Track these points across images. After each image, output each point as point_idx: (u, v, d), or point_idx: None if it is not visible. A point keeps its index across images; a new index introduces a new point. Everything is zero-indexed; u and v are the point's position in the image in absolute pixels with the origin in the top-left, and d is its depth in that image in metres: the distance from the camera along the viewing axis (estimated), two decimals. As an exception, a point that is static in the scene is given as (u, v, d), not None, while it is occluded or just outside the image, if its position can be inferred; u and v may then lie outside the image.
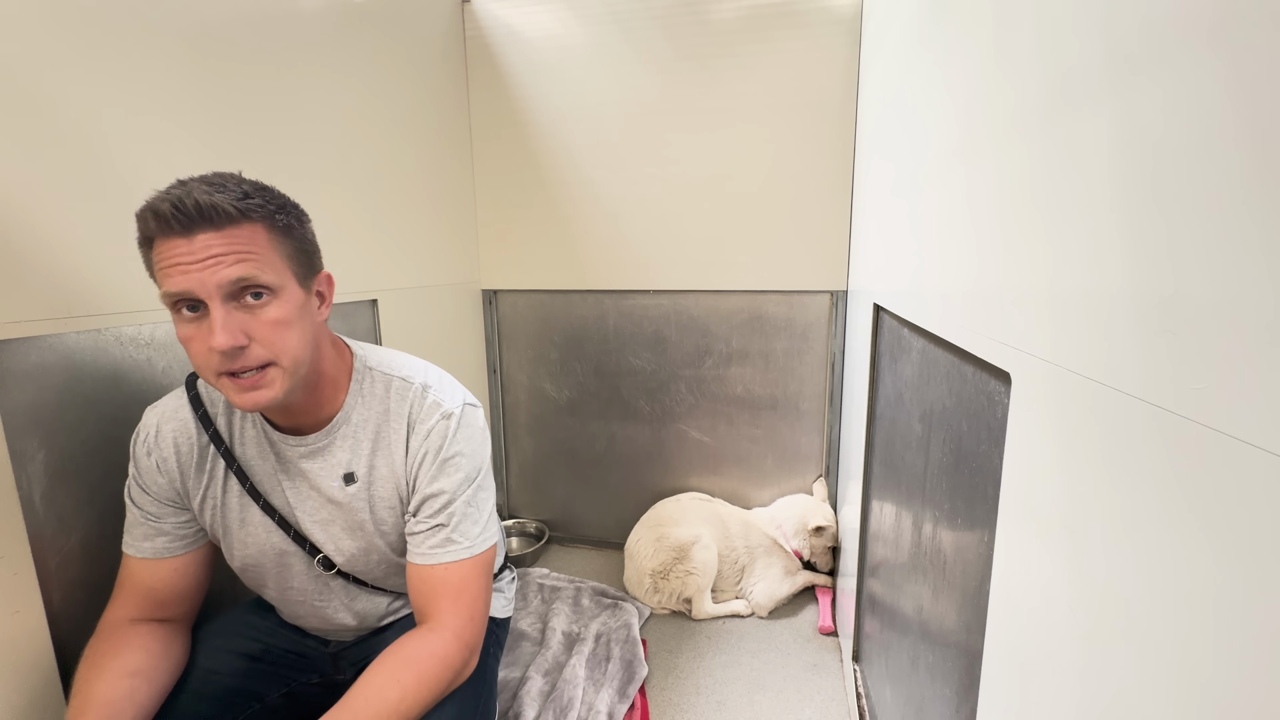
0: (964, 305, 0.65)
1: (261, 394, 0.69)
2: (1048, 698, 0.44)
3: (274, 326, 0.69)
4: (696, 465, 1.97)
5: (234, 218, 0.65)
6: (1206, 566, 0.28)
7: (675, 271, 1.84)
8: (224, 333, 0.65)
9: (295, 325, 0.71)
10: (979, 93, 0.62)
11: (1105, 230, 0.37)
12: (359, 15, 1.37)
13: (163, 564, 0.81)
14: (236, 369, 0.67)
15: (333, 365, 0.81)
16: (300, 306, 0.72)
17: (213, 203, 0.64)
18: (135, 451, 0.81)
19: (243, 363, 0.67)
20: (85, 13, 0.83)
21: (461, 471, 0.82)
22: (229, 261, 0.65)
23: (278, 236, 0.70)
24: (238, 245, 0.65)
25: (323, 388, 0.80)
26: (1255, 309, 0.26)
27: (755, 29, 1.64)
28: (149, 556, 0.81)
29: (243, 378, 0.68)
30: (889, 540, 1.07)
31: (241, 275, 0.65)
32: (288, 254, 0.71)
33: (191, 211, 0.63)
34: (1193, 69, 0.30)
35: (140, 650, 0.76)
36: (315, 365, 0.77)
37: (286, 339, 0.70)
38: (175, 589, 0.83)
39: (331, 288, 0.80)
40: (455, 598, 0.79)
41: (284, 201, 0.72)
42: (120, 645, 0.76)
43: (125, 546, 0.82)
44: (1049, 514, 0.44)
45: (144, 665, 0.75)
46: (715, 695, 1.39)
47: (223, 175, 0.68)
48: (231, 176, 0.69)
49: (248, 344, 0.67)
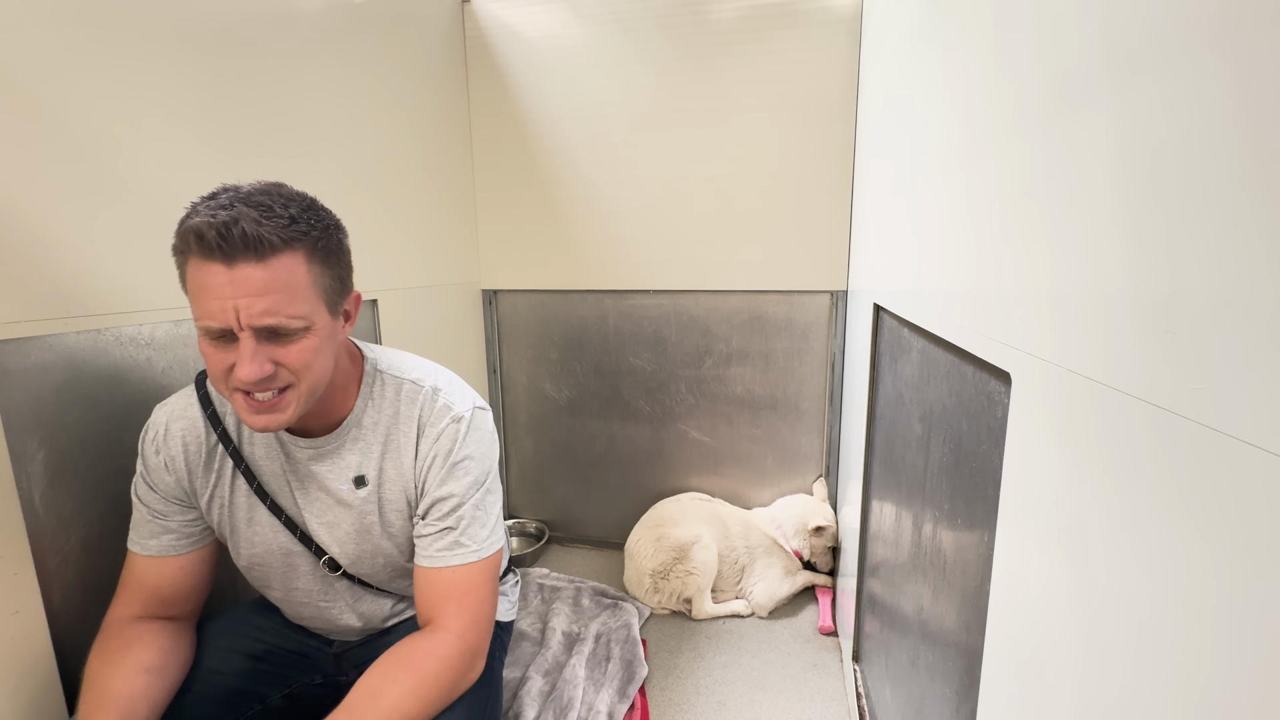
0: (964, 305, 0.65)
1: (274, 418, 0.70)
2: (1048, 698, 0.44)
3: (300, 356, 0.69)
4: (696, 465, 1.97)
5: (277, 248, 0.64)
6: (1206, 566, 0.28)
7: (675, 271, 1.84)
8: (251, 365, 0.65)
9: (321, 353, 0.71)
10: (979, 92, 0.62)
11: (1105, 230, 0.37)
12: (359, 16, 1.37)
13: (169, 562, 0.81)
14: (264, 389, 0.68)
15: (344, 372, 0.81)
16: (329, 335, 0.72)
17: (259, 234, 0.63)
18: (143, 449, 0.81)
19: (265, 386, 0.68)
20: (86, 13, 0.83)
21: (471, 475, 0.82)
22: (265, 303, 0.64)
23: (317, 266, 0.69)
24: (276, 283, 0.64)
25: (333, 393, 0.80)
26: (1255, 309, 0.26)
27: (755, 29, 1.64)
28: (155, 554, 0.81)
29: (259, 399, 0.69)
30: (889, 540, 1.07)
31: (275, 324, 0.65)
32: (325, 285, 0.70)
33: (237, 241, 0.62)
34: (1193, 69, 0.30)
35: (153, 647, 0.76)
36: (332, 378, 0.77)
37: (311, 368, 0.70)
38: (181, 587, 0.83)
39: (358, 305, 0.79)
40: (460, 601, 0.79)
41: (330, 222, 0.71)
42: (132, 641, 0.76)
43: (131, 544, 0.81)
44: (1049, 514, 0.44)
45: (157, 662, 0.75)
46: (715, 695, 1.39)
47: (271, 194, 0.67)
48: (280, 194, 0.67)
49: (274, 372, 0.67)
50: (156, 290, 0.93)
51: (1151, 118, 0.33)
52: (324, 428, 0.81)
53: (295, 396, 0.70)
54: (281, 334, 0.67)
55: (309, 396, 0.72)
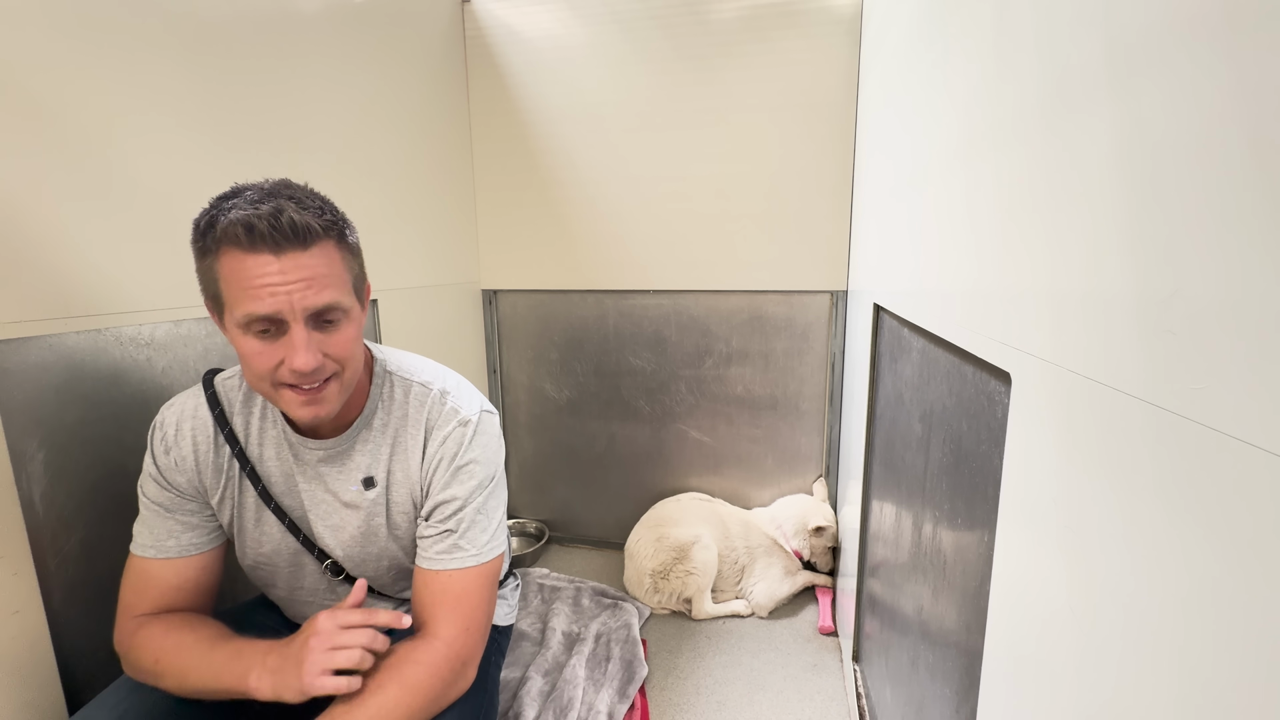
0: (964, 305, 0.65)
1: (322, 407, 0.72)
2: (1047, 697, 0.44)
3: (344, 345, 0.71)
4: (696, 465, 1.97)
5: (319, 236, 0.67)
6: (1206, 566, 0.28)
7: (675, 271, 1.84)
8: (308, 354, 0.66)
9: (358, 342, 0.74)
10: (979, 93, 0.62)
11: (1105, 230, 0.37)
12: (359, 15, 1.37)
13: (190, 562, 0.80)
14: (306, 383, 0.69)
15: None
16: (359, 323, 0.75)
17: (306, 222, 0.65)
18: (153, 449, 0.80)
19: (319, 376, 0.70)
20: (87, 13, 0.83)
21: (475, 479, 0.82)
22: (318, 286, 0.66)
23: (346, 255, 0.72)
24: (321, 268, 0.67)
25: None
26: (1255, 309, 0.26)
27: (755, 29, 1.64)
28: (175, 555, 0.79)
29: (306, 391, 0.70)
30: (889, 540, 1.07)
31: (329, 302, 0.68)
32: (354, 272, 0.73)
33: (286, 230, 0.63)
34: (1192, 69, 0.30)
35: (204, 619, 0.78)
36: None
37: (355, 354, 0.73)
38: (203, 586, 0.82)
39: (369, 298, 0.81)
40: (453, 607, 0.79)
41: (343, 215, 0.73)
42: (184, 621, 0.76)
43: (141, 550, 0.78)
44: (1049, 514, 0.44)
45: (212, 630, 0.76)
46: (715, 695, 1.39)
47: (292, 188, 0.68)
48: (300, 188, 0.69)
49: (323, 361, 0.69)
50: (156, 290, 0.93)
51: (1151, 117, 0.33)
52: (334, 429, 0.82)
53: (339, 386, 0.73)
54: (329, 320, 0.69)
55: (348, 387, 0.75)
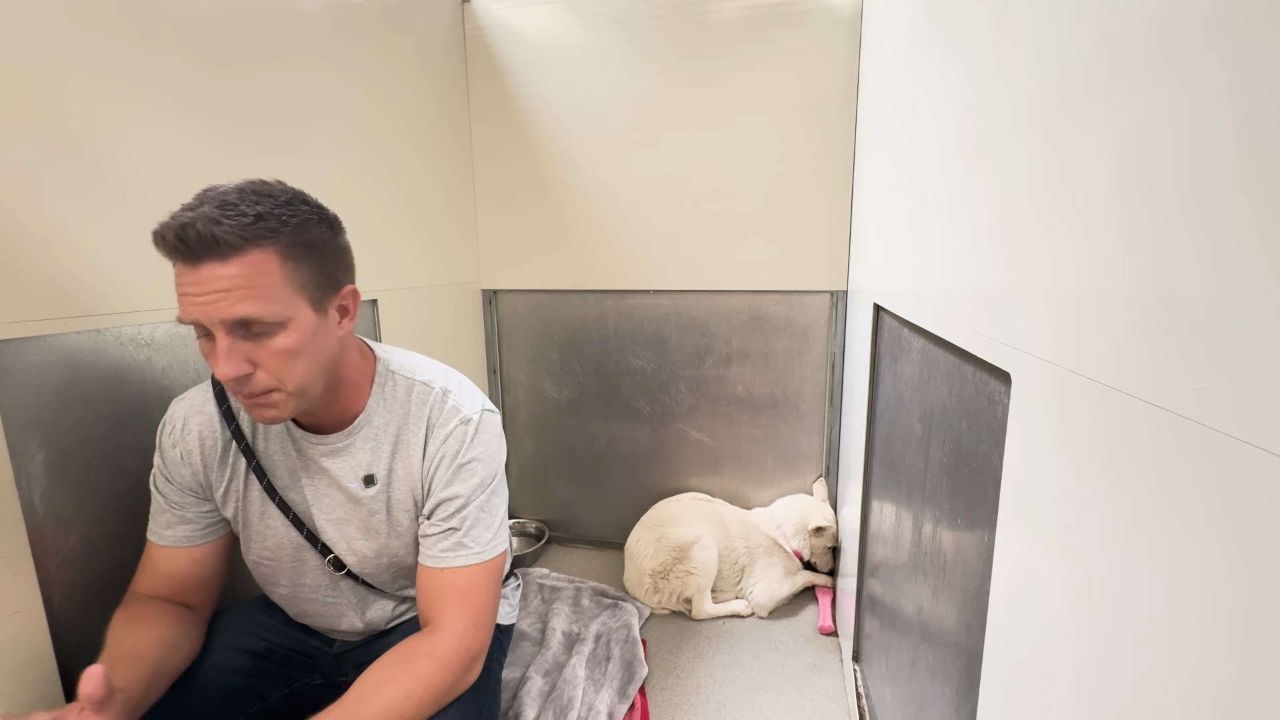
0: (964, 305, 0.65)
1: (269, 413, 0.71)
2: (1047, 697, 0.44)
3: (280, 356, 0.68)
4: (696, 465, 1.97)
5: (238, 247, 0.63)
6: (1206, 566, 0.28)
7: (675, 271, 1.84)
8: (226, 363, 0.65)
9: (304, 352, 0.70)
10: (979, 93, 0.62)
11: (1105, 230, 0.37)
12: (359, 15, 1.37)
13: (181, 552, 0.84)
14: (243, 392, 0.69)
15: (356, 370, 0.82)
16: (311, 333, 0.71)
17: (213, 234, 0.62)
18: (161, 442, 0.83)
19: (249, 389, 0.68)
20: (85, 12, 0.83)
21: (477, 477, 0.83)
22: (232, 299, 0.64)
23: (290, 263, 0.67)
24: (240, 280, 0.64)
25: (344, 392, 0.81)
26: (1255, 309, 0.26)
27: (755, 29, 1.64)
28: (171, 545, 0.83)
29: (248, 396, 0.70)
30: (889, 540, 1.07)
31: (243, 315, 0.65)
32: (301, 281, 0.69)
33: (193, 243, 0.62)
34: (1192, 69, 0.30)
35: (175, 624, 0.79)
36: (337, 372, 0.78)
37: (293, 367, 0.69)
38: (193, 578, 0.85)
39: (357, 301, 0.78)
40: (460, 602, 0.80)
41: (307, 215, 0.69)
42: (157, 613, 0.79)
43: (149, 533, 0.84)
44: (1049, 514, 0.44)
45: (176, 639, 0.78)
46: (715, 695, 1.39)
47: (244, 191, 0.66)
48: (251, 193, 0.66)
49: (252, 371, 0.68)
50: (156, 290, 0.93)
51: (1151, 117, 0.33)
52: (336, 425, 0.82)
53: (283, 398, 0.71)
54: (255, 330, 0.66)
55: (298, 396, 0.72)
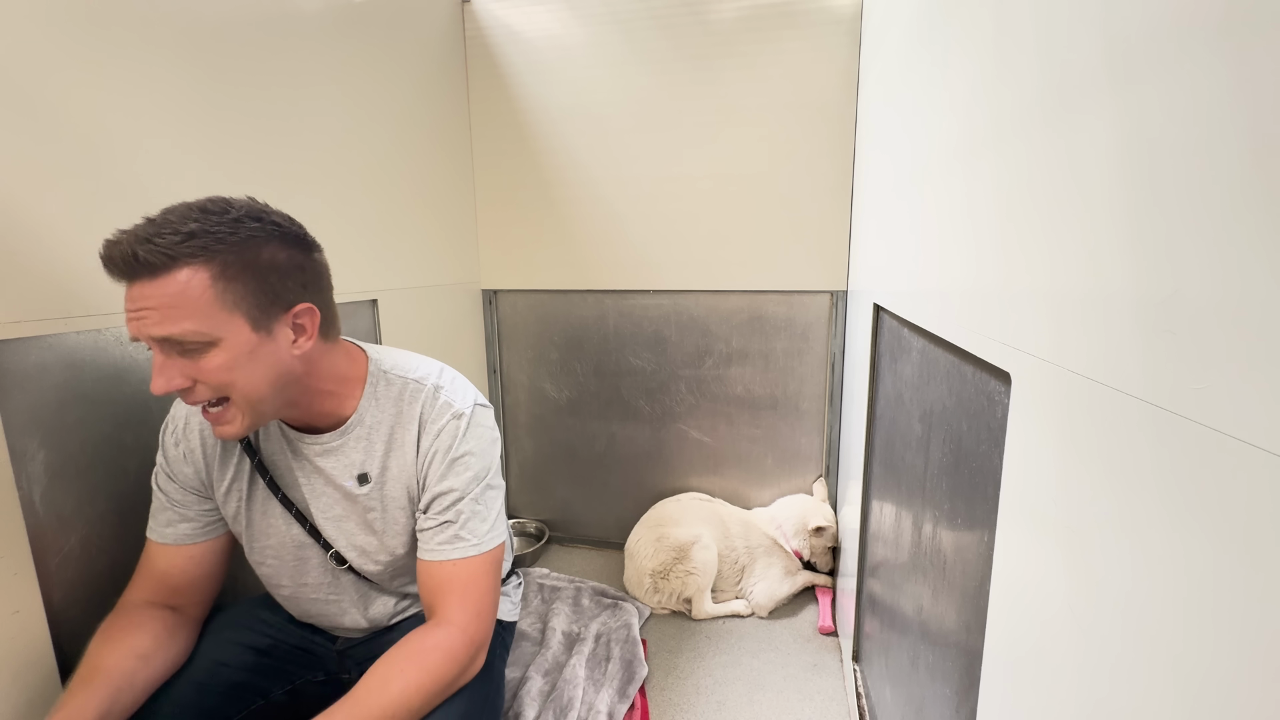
0: (964, 305, 0.65)
1: (226, 429, 0.72)
2: (1047, 697, 0.44)
3: (215, 372, 0.68)
4: (696, 465, 1.97)
5: (165, 266, 0.63)
6: (1206, 566, 0.28)
7: (675, 271, 1.84)
8: (159, 377, 0.66)
9: (241, 369, 0.69)
10: (979, 93, 0.62)
11: (1105, 230, 0.37)
12: (359, 15, 1.37)
13: (180, 550, 0.84)
14: (193, 403, 0.70)
15: (338, 377, 0.81)
16: (248, 352, 0.69)
17: (135, 253, 0.62)
18: (164, 441, 0.84)
19: (193, 399, 0.69)
20: (85, 12, 0.83)
21: (470, 470, 0.84)
22: (155, 319, 0.64)
23: (224, 281, 0.66)
24: (165, 300, 0.64)
25: (326, 399, 0.81)
26: (1255, 309, 0.26)
27: (755, 29, 1.64)
28: (170, 542, 0.84)
29: (209, 411, 0.71)
30: (889, 540, 1.07)
31: (166, 335, 0.64)
32: (236, 298, 0.67)
33: (119, 262, 0.63)
34: (1192, 69, 0.30)
35: (149, 634, 0.78)
36: (304, 384, 0.76)
37: (232, 381, 0.69)
38: (190, 576, 0.85)
39: (315, 318, 0.75)
40: (463, 593, 0.81)
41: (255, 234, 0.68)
42: (134, 626, 0.78)
43: (149, 531, 0.84)
44: (1049, 514, 0.44)
45: (149, 650, 0.77)
46: (715, 695, 1.39)
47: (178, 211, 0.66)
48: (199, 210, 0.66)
49: (191, 385, 0.68)
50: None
51: (1151, 117, 0.33)
52: (328, 425, 0.83)
53: (236, 410, 0.71)
54: (186, 348, 0.66)
55: (251, 408, 0.71)
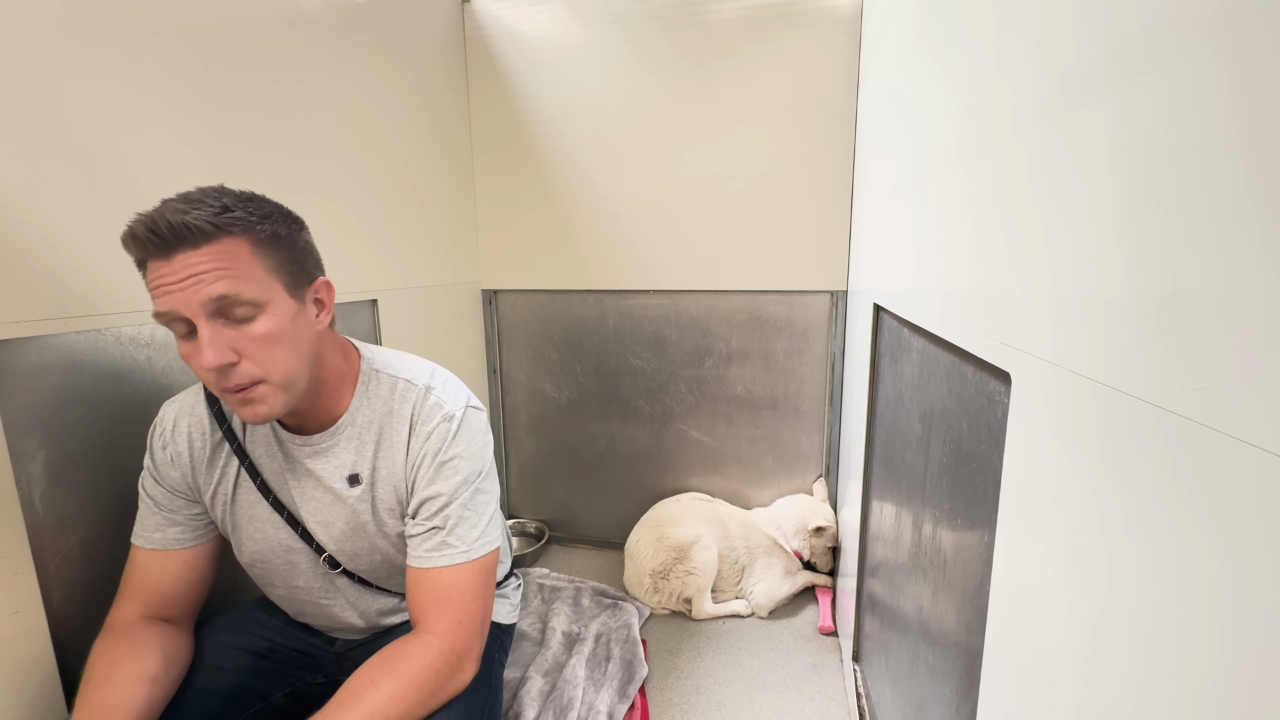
0: (964, 305, 0.65)
1: (258, 409, 0.70)
2: (1048, 698, 0.44)
3: (262, 342, 0.68)
4: (696, 465, 1.97)
5: (210, 234, 0.65)
6: (1207, 566, 0.28)
7: (675, 271, 1.84)
8: (211, 350, 0.65)
9: (286, 339, 0.70)
10: (979, 92, 0.62)
11: (1105, 230, 0.37)
12: (358, 15, 1.37)
13: (171, 556, 0.82)
14: (229, 386, 0.68)
15: (337, 370, 0.81)
16: (291, 318, 0.71)
17: (184, 221, 0.63)
18: (151, 444, 0.83)
19: (235, 380, 0.68)
20: (85, 12, 0.83)
21: (460, 474, 0.82)
22: (209, 279, 0.64)
23: (262, 249, 0.69)
24: (217, 262, 0.65)
25: (325, 392, 0.80)
26: (1255, 309, 0.26)
27: (755, 29, 1.64)
28: (160, 548, 0.82)
29: (236, 392, 0.69)
30: (889, 540, 1.07)
31: (223, 292, 0.65)
32: (274, 266, 0.70)
33: (165, 233, 0.63)
34: (1193, 69, 0.30)
35: (157, 654, 0.76)
36: (316, 373, 0.77)
37: (276, 355, 0.69)
38: (183, 583, 0.83)
39: (331, 294, 0.79)
40: (443, 603, 0.79)
41: (270, 210, 0.71)
42: (137, 647, 0.76)
43: (135, 538, 0.82)
44: (1049, 514, 0.44)
45: (159, 671, 0.75)
46: (715, 695, 1.39)
47: (204, 190, 0.68)
48: (212, 190, 0.68)
49: (237, 360, 0.67)
50: (156, 290, 0.93)
51: (1152, 117, 0.33)
52: (320, 425, 0.82)
53: (270, 390, 0.70)
54: (236, 313, 0.67)
55: (285, 388, 0.71)
